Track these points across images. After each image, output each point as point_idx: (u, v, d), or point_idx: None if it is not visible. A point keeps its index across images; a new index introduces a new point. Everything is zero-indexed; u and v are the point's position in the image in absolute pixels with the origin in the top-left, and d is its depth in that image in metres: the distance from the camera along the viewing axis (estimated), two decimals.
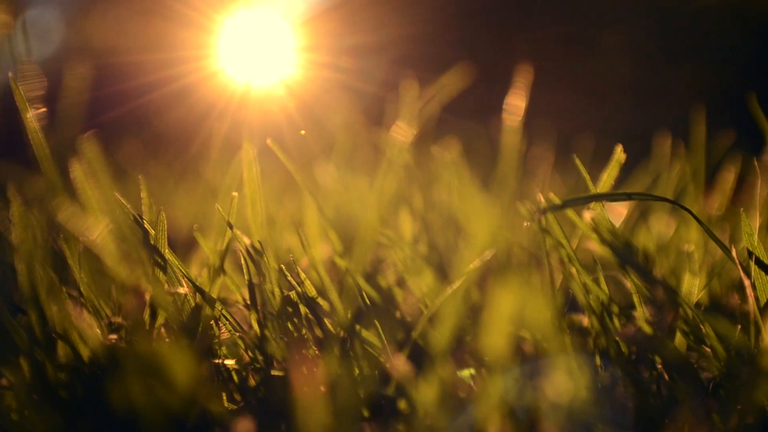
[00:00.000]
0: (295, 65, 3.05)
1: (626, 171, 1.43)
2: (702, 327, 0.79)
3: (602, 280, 0.83)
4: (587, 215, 0.79)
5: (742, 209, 0.83)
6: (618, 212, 1.29)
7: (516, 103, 1.34)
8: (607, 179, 0.95)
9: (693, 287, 0.94)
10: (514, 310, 0.61)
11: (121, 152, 2.34)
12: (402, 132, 1.03)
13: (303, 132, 1.88)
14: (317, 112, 1.99)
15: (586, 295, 0.82)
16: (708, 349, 0.82)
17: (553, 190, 1.49)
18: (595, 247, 0.76)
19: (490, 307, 0.63)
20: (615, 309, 0.82)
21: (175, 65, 3.07)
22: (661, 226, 1.27)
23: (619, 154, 0.94)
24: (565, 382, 0.64)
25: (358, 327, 0.87)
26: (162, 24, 3.29)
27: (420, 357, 0.80)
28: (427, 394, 0.65)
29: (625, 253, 0.76)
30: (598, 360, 0.82)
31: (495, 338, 0.62)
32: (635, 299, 0.81)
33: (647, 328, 0.79)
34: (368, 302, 0.87)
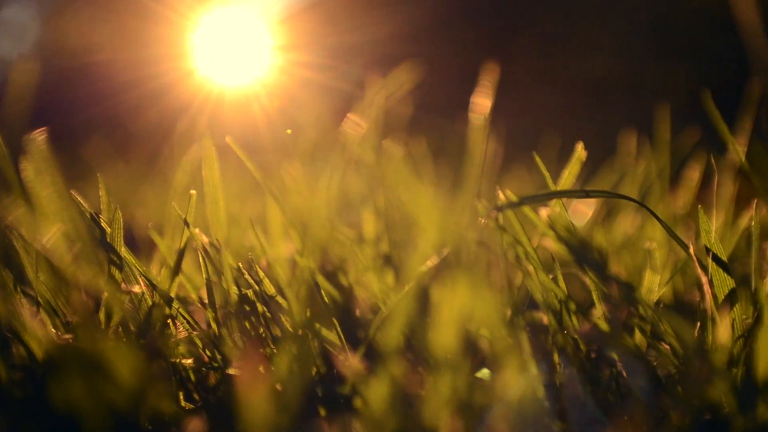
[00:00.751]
0: (272, 64, 3.04)
1: (595, 168, 1.43)
2: (660, 324, 0.79)
3: (560, 277, 0.83)
4: (544, 213, 0.78)
5: (700, 207, 0.83)
6: (584, 211, 1.29)
7: (482, 102, 1.34)
8: (568, 177, 0.94)
9: (653, 284, 0.94)
10: (464, 309, 0.61)
11: (91, 151, 2.33)
12: (360, 130, 1.03)
13: (289, 131, 1.87)
14: (294, 112, 1.99)
15: (544, 292, 0.81)
16: (667, 347, 0.82)
17: (519, 187, 1.50)
18: (551, 244, 0.76)
19: (440, 306, 0.62)
20: (573, 306, 0.82)
21: (151, 64, 3.05)
22: (627, 224, 1.27)
23: (580, 152, 0.94)
24: (516, 379, 0.64)
25: (317, 326, 0.87)
26: (137, 23, 3.27)
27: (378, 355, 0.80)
28: (378, 392, 0.65)
29: (580, 250, 0.76)
30: (556, 357, 0.82)
31: (444, 336, 0.62)
32: (594, 296, 0.81)
33: (604, 326, 0.79)
34: (326, 300, 0.87)
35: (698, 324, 0.87)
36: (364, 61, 3.40)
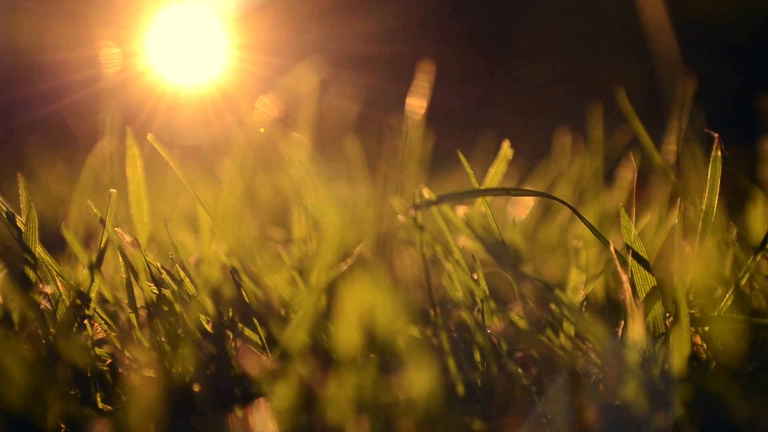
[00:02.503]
0: (228, 64, 3.01)
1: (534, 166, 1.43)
2: (579, 323, 0.79)
3: (481, 276, 0.83)
4: (460, 211, 0.78)
5: (621, 205, 0.83)
6: (522, 209, 1.29)
7: (417, 101, 1.34)
8: (494, 175, 0.94)
9: (579, 283, 0.94)
10: (369, 308, 0.60)
11: (31, 151, 2.30)
12: (288, 131, 1.02)
13: (262, 130, 1.86)
14: (249, 111, 1.97)
15: (465, 291, 0.81)
16: (589, 345, 0.82)
17: (451, 185, 1.49)
18: (467, 242, 0.76)
19: (344, 305, 0.62)
20: (492, 305, 0.82)
21: (100, 65, 3.02)
22: (565, 222, 1.27)
23: (507, 150, 0.94)
24: (425, 379, 0.64)
25: (240, 326, 0.86)
26: (90, 21, 3.24)
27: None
28: (284, 391, 0.64)
29: (496, 249, 0.75)
30: (477, 356, 0.82)
31: (347, 336, 0.61)
32: (517, 295, 0.81)
33: (523, 324, 0.78)
34: (247, 300, 0.86)
35: (622, 322, 0.87)
36: (322, 60, 3.38)
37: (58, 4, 3.24)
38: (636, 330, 0.73)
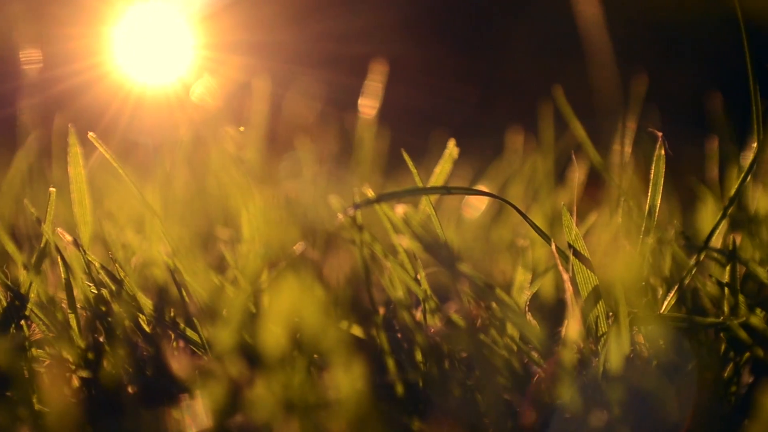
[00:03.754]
0: (195, 63, 2.99)
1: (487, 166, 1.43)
2: (518, 322, 0.78)
3: (422, 275, 0.82)
4: (399, 210, 0.77)
5: (563, 204, 0.82)
6: (475, 208, 1.28)
7: (371, 99, 1.34)
8: (440, 174, 0.94)
9: (525, 282, 0.93)
10: (295, 308, 0.60)
11: None
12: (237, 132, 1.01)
13: (242, 128, 1.85)
14: (216, 111, 1.96)
15: (405, 290, 0.81)
16: (531, 345, 0.82)
17: (398, 184, 1.49)
18: (405, 241, 0.75)
19: (273, 306, 0.61)
20: (432, 305, 0.81)
21: (67, 63, 3.00)
22: (517, 222, 1.26)
23: (452, 149, 0.93)
24: (354, 379, 0.63)
25: (182, 326, 0.85)
26: (55, 20, 3.21)
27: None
28: (213, 391, 0.64)
29: (435, 248, 0.75)
30: (419, 356, 0.81)
31: (274, 336, 0.60)
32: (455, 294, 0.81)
33: (462, 323, 0.78)
34: (186, 300, 0.85)
35: (566, 323, 0.87)
36: (290, 60, 3.38)
37: (25, 2, 3.21)
38: (573, 329, 0.72)
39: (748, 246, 1.03)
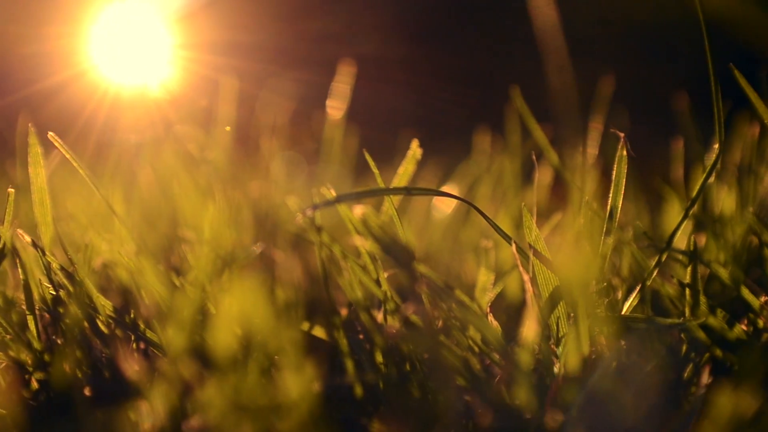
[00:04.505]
0: (172, 63, 2.98)
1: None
2: (477, 323, 0.78)
3: (382, 276, 0.82)
4: (357, 210, 0.77)
5: (523, 204, 0.82)
6: (444, 209, 1.28)
7: (338, 99, 1.33)
8: (403, 174, 0.93)
9: (488, 283, 0.93)
10: (244, 310, 0.59)
11: None
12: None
13: (228, 128, 1.84)
14: (193, 112, 1.95)
15: (361, 291, 0.80)
16: (491, 346, 0.81)
17: (369, 184, 1.49)
18: (362, 242, 0.75)
19: (224, 308, 0.60)
20: (391, 306, 0.81)
21: (43, 63, 2.98)
22: (485, 222, 1.26)
23: (415, 150, 0.93)
24: (307, 380, 0.63)
25: (142, 327, 0.84)
26: (31, 20, 3.19)
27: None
28: (165, 393, 0.63)
29: (392, 248, 0.74)
30: (380, 357, 0.81)
31: (224, 338, 0.60)
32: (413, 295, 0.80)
33: (420, 324, 0.78)
34: (145, 301, 0.84)
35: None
36: (268, 60, 3.37)
37: (0, 2, 3.19)
38: (530, 331, 0.72)
39: (713, 247, 1.03)
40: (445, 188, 1.37)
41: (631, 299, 0.86)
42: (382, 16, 4.08)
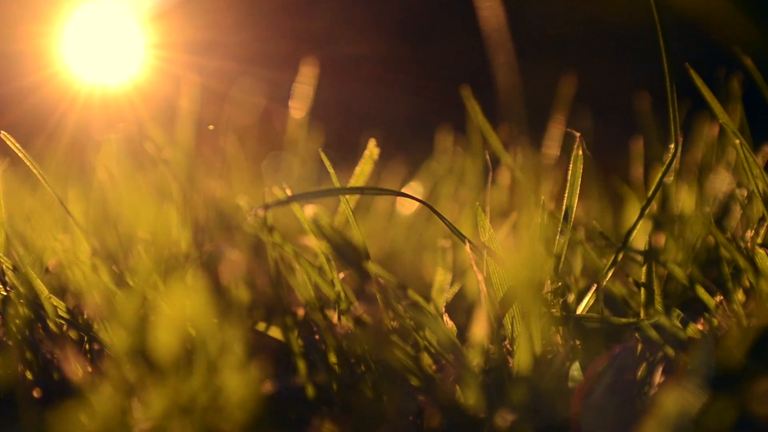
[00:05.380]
0: (145, 63, 2.96)
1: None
2: (429, 324, 0.78)
3: (336, 276, 0.81)
4: (308, 210, 0.76)
5: (477, 204, 0.82)
6: (408, 208, 1.28)
7: (301, 98, 1.33)
8: (360, 173, 0.93)
9: (444, 283, 0.93)
10: (184, 312, 0.59)
11: None
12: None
13: (211, 127, 1.83)
14: (167, 112, 1.94)
15: (313, 291, 0.80)
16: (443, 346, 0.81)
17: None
18: (312, 242, 0.74)
19: (163, 308, 0.60)
20: (344, 305, 0.81)
21: (15, 63, 2.96)
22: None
23: (372, 149, 0.93)
24: (249, 382, 0.62)
25: (95, 328, 0.84)
26: (2, 19, 3.17)
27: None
28: (107, 393, 0.62)
29: (342, 248, 0.74)
30: (333, 358, 0.80)
31: (164, 339, 0.59)
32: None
33: (371, 325, 0.77)
34: (98, 303, 0.83)
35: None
36: (242, 60, 3.36)
37: None
38: (481, 331, 0.72)
39: (672, 247, 1.03)
40: (409, 186, 1.37)
41: (587, 299, 0.86)
42: (363, 15, 4.08)
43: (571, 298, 0.91)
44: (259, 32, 3.69)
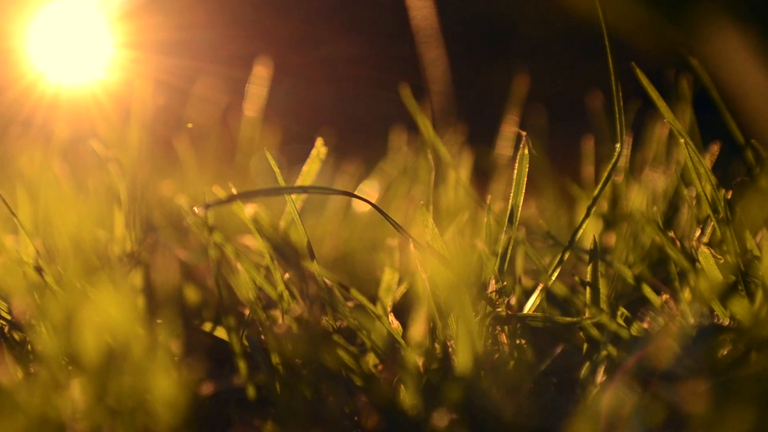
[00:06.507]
0: (113, 62, 2.95)
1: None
2: (366, 324, 0.78)
3: (278, 276, 0.81)
4: (248, 209, 0.76)
5: (421, 203, 0.82)
6: (364, 205, 1.28)
7: (256, 98, 1.32)
8: (308, 173, 0.93)
9: (392, 282, 0.93)
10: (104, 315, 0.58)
11: None
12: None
13: (190, 125, 1.82)
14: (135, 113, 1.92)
15: (254, 291, 0.80)
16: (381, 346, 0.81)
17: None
18: (252, 241, 0.74)
19: (83, 312, 0.59)
20: (286, 305, 0.80)
21: None
22: (403, 220, 1.26)
23: (320, 147, 0.93)
24: (173, 385, 0.62)
25: (38, 329, 0.83)
26: None
27: None
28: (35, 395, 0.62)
29: (281, 248, 0.74)
30: (276, 358, 0.80)
31: (90, 340, 0.59)
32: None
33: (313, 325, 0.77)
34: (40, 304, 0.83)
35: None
36: (213, 60, 3.35)
37: None
38: (419, 330, 0.72)
39: (622, 246, 1.03)
40: (365, 185, 1.37)
41: (533, 298, 0.86)
42: (339, 16, 4.08)
43: (514, 299, 0.91)
44: (233, 31, 3.68)
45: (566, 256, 0.86)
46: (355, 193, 1.40)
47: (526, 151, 0.86)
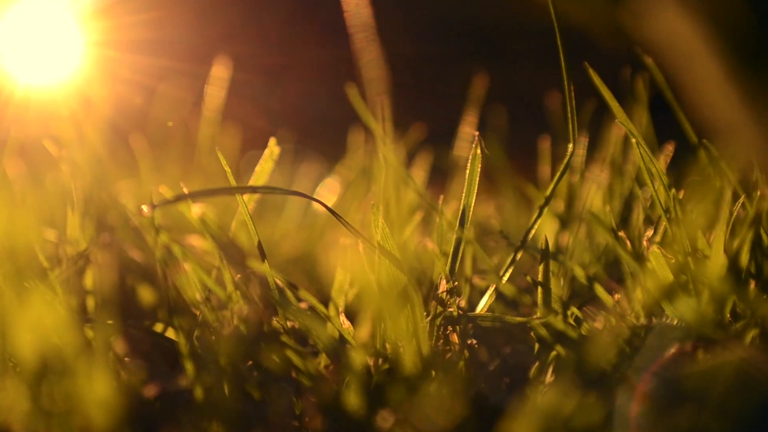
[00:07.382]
0: (84, 61, 2.93)
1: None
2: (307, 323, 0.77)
3: (228, 276, 0.81)
4: (195, 209, 0.76)
5: (372, 203, 0.82)
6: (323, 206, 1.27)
7: (215, 98, 1.32)
8: (261, 173, 0.92)
9: (344, 283, 0.92)
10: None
11: None
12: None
13: (170, 123, 1.81)
14: (107, 114, 1.91)
15: (204, 291, 0.79)
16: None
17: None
18: (198, 241, 0.74)
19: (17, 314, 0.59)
20: (235, 307, 0.80)
21: None
22: (362, 220, 1.26)
23: (273, 147, 0.92)
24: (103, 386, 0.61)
25: None
26: None
27: None
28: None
29: (226, 246, 0.73)
30: (224, 360, 0.79)
31: (23, 344, 0.58)
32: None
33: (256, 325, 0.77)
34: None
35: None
36: (188, 59, 3.33)
37: None
38: (365, 330, 0.72)
39: (579, 246, 1.04)
40: (324, 185, 1.37)
41: (486, 297, 0.86)
42: (318, 18, 4.07)
43: (464, 300, 0.91)
44: (210, 31, 3.67)
45: (519, 256, 0.87)
46: (317, 192, 1.41)
47: (479, 151, 0.86)
